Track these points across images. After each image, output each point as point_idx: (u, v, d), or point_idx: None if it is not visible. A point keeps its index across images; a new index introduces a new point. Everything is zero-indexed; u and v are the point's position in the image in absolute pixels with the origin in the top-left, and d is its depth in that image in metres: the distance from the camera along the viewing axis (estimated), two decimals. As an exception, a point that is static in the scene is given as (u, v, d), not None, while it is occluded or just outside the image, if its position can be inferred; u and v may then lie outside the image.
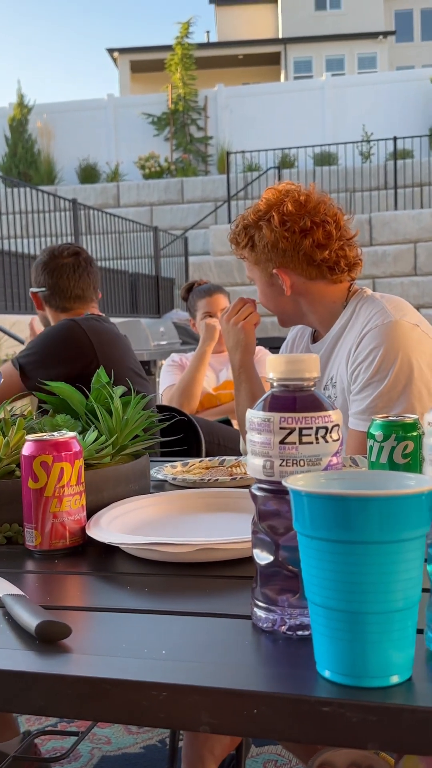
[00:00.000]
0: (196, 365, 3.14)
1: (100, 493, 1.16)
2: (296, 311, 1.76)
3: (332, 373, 1.72)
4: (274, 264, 1.70)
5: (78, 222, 9.86)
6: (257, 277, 1.76)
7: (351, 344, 1.65)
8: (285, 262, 1.69)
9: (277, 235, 1.66)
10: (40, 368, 2.17)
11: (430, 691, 0.62)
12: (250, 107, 17.74)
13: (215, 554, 0.95)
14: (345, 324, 1.71)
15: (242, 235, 1.72)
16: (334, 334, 1.72)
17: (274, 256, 1.69)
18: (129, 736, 2.20)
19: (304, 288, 1.72)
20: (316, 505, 0.61)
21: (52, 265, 2.40)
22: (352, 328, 1.68)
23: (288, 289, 1.71)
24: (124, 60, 26.29)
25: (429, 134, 15.93)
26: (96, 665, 0.68)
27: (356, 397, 1.61)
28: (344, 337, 1.70)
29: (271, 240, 1.67)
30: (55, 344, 2.23)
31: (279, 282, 1.72)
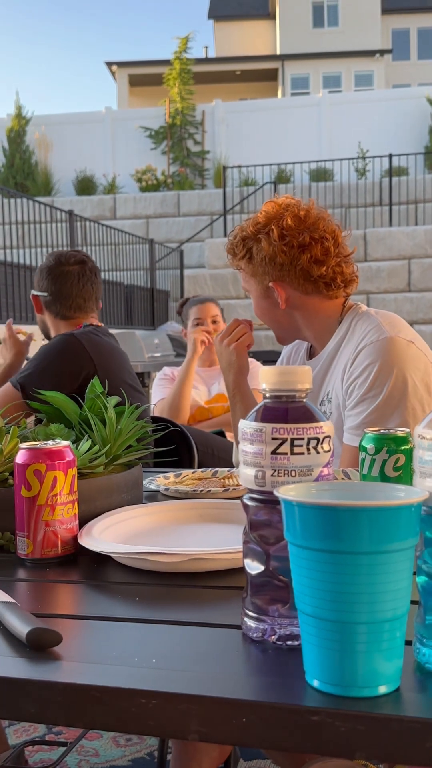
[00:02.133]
0: (181, 379, 3.15)
1: (93, 502, 1.16)
2: (291, 325, 1.77)
3: (328, 388, 1.72)
4: (270, 277, 1.71)
5: (74, 233, 9.89)
6: (253, 289, 1.77)
7: (346, 360, 1.66)
8: (281, 275, 1.70)
9: (276, 248, 1.66)
10: (40, 386, 2.18)
11: (418, 701, 0.62)
12: (247, 122, 17.85)
13: (206, 564, 0.95)
14: (341, 340, 1.72)
15: (240, 247, 1.73)
16: (330, 350, 1.73)
17: (271, 270, 1.69)
18: (117, 749, 2.18)
19: (300, 302, 1.73)
20: (307, 516, 0.62)
21: (57, 271, 2.40)
22: (347, 344, 1.69)
23: (283, 302, 1.72)
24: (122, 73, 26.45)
25: (424, 152, 16.04)
26: (86, 673, 0.68)
27: (351, 412, 1.62)
28: (340, 353, 1.71)
29: (269, 253, 1.67)
30: (54, 361, 2.22)
31: (274, 295, 1.72)
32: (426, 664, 0.67)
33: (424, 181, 14.35)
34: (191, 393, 3.20)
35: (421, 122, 17.18)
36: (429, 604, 0.67)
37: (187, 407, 3.17)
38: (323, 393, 1.74)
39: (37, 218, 9.38)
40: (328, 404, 1.71)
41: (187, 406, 3.16)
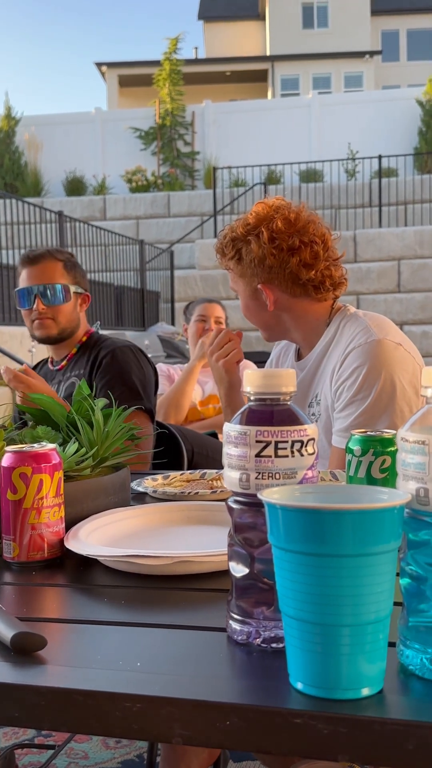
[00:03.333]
0: (185, 378, 3.17)
1: (80, 505, 1.16)
2: (279, 326, 1.77)
3: (317, 390, 1.73)
4: (259, 279, 1.71)
5: (64, 234, 9.87)
6: (241, 290, 1.77)
7: (335, 362, 1.66)
8: (270, 278, 1.70)
9: (265, 251, 1.66)
10: (153, 401, 2.26)
11: (400, 703, 0.63)
12: (237, 123, 17.86)
13: (192, 567, 0.95)
14: (329, 342, 1.72)
15: (229, 247, 1.73)
16: (319, 351, 1.74)
17: (259, 272, 1.69)
18: (106, 751, 2.18)
19: (288, 304, 1.73)
20: (290, 518, 0.62)
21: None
22: (336, 346, 1.69)
23: (271, 304, 1.72)
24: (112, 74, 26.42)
25: (413, 153, 16.10)
26: (70, 677, 0.68)
27: (339, 414, 1.62)
28: (328, 355, 1.71)
29: (258, 255, 1.67)
30: (141, 361, 2.31)
31: (263, 297, 1.73)
32: (409, 665, 0.67)
33: (414, 182, 14.40)
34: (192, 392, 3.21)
35: (410, 123, 17.24)
36: (412, 606, 0.67)
37: (186, 406, 3.18)
38: (312, 395, 1.75)
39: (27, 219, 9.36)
40: (317, 406, 1.71)
41: (187, 405, 3.17)
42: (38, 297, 2.24)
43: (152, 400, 2.25)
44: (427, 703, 0.62)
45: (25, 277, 2.29)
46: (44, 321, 2.28)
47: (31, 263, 2.28)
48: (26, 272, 2.29)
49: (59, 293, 2.25)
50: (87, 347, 2.34)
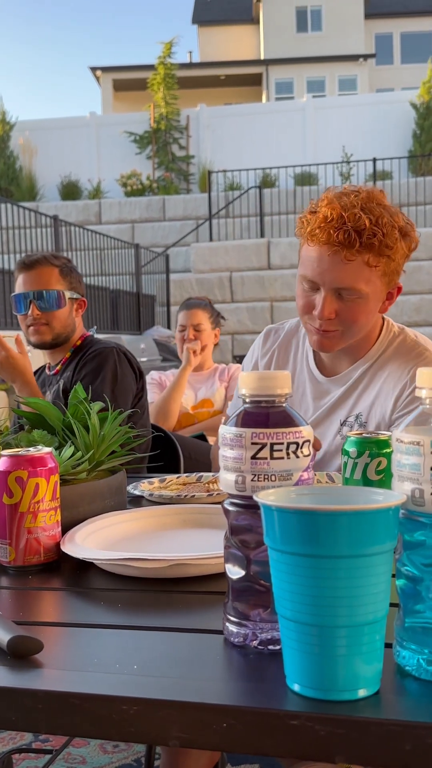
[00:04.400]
0: (173, 386, 3.18)
1: (76, 508, 1.16)
2: (365, 333, 1.61)
3: (358, 410, 1.62)
4: (396, 281, 1.57)
5: (59, 238, 9.87)
6: (372, 288, 1.52)
7: (395, 382, 1.57)
8: (398, 281, 1.59)
9: (405, 253, 1.54)
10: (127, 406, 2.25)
11: (397, 704, 0.63)
12: (232, 127, 17.89)
13: (189, 569, 0.95)
14: (381, 360, 1.63)
15: (384, 243, 1.47)
16: (366, 368, 1.63)
17: (398, 273, 1.56)
18: (104, 756, 2.18)
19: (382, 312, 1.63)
20: (286, 520, 0.62)
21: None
22: (387, 365, 1.61)
23: (385, 309, 1.61)
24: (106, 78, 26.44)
25: (408, 156, 16.14)
26: (67, 680, 0.68)
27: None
28: (379, 374, 1.61)
29: (403, 256, 1.53)
30: (126, 376, 2.29)
31: (384, 299, 1.59)
32: (406, 666, 0.67)
33: (408, 185, 14.43)
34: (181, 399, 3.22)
35: (404, 126, 17.28)
36: (408, 607, 0.67)
37: (175, 413, 3.18)
38: (348, 413, 1.64)
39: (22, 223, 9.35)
40: (359, 428, 1.60)
41: (176, 411, 3.18)
42: (33, 302, 2.25)
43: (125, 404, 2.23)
44: (423, 703, 0.62)
45: (20, 283, 2.29)
46: (39, 327, 2.28)
47: (27, 269, 2.29)
48: (22, 278, 2.29)
49: (54, 299, 2.26)
50: (79, 351, 2.35)
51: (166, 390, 3.21)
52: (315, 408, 1.69)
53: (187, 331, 3.32)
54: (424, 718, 0.59)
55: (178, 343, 3.39)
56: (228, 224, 14.00)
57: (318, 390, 1.69)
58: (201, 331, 3.31)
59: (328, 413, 1.66)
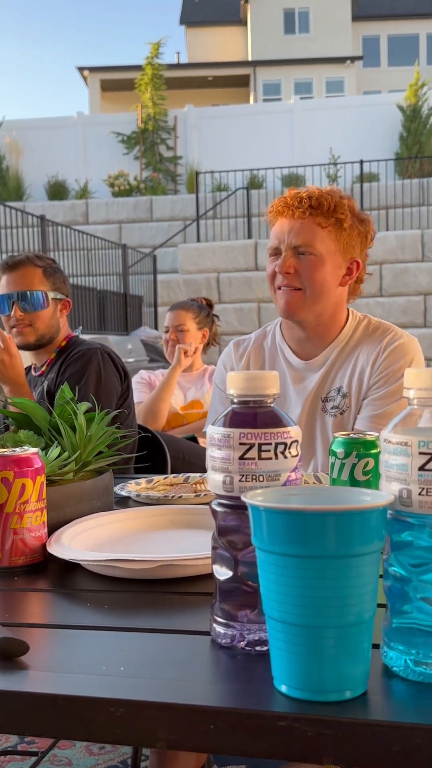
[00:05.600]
0: (162, 386, 3.17)
1: (62, 509, 1.15)
2: (328, 307, 1.76)
3: (339, 384, 1.77)
4: (356, 253, 1.76)
5: (46, 238, 9.83)
6: (327, 254, 1.71)
7: (369, 357, 1.74)
8: (361, 258, 1.78)
9: (364, 230, 1.76)
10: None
11: (384, 705, 0.63)
12: (220, 128, 17.90)
13: (176, 570, 0.95)
14: (353, 341, 1.78)
15: (332, 207, 1.70)
16: (340, 349, 1.78)
17: (357, 246, 1.76)
18: (90, 758, 2.17)
19: (348, 290, 1.80)
20: (274, 520, 0.62)
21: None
22: (363, 344, 1.76)
23: (346, 282, 1.77)
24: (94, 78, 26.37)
25: (394, 158, 16.20)
26: (53, 682, 0.67)
27: (378, 401, 1.70)
28: (355, 353, 1.77)
29: (360, 231, 1.75)
30: (102, 368, 2.27)
31: (343, 272, 1.76)
32: (393, 667, 0.67)
33: (395, 187, 14.49)
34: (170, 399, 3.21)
35: (391, 129, 17.35)
36: (396, 607, 0.67)
37: (165, 413, 3.17)
38: (329, 388, 1.78)
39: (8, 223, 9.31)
40: (341, 399, 1.76)
41: (165, 411, 3.17)
42: (16, 303, 2.24)
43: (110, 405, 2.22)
44: (411, 704, 0.62)
45: (4, 284, 2.28)
46: (22, 328, 2.28)
47: (10, 269, 2.28)
48: (5, 278, 2.28)
49: (37, 300, 2.25)
50: (64, 351, 2.34)
51: (155, 390, 3.20)
52: (297, 392, 1.81)
53: (170, 332, 3.33)
54: (411, 719, 0.59)
55: (164, 344, 3.39)
56: (215, 225, 13.99)
57: (297, 376, 1.82)
58: (183, 332, 3.31)
59: (310, 394, 1.79)
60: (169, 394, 3.19)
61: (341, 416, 1.75)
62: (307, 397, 1.78)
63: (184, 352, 3.24)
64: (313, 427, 1.79)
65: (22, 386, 2.16)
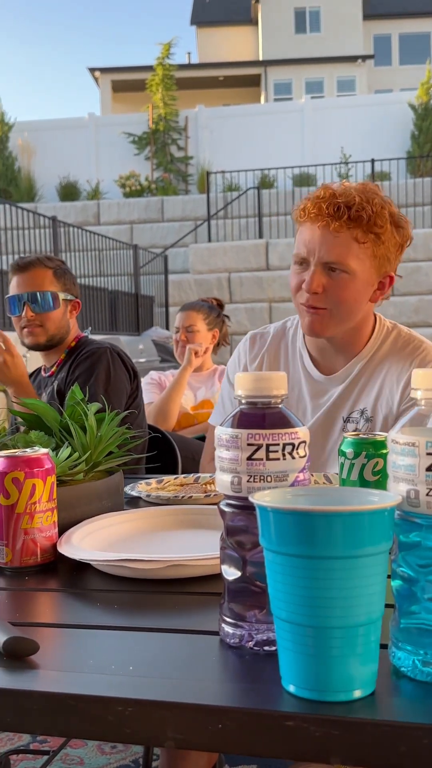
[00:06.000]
0: (173, 386, 3.18)
1: (73, 509, 1.16)
2: (355, 322, 1.62)
3: (362, 405, 1.63)
4: (391, 268, 1.61)
5: (58, 239, 9.87)
6: (360, 270, 1.55)
7: (400, 375, 1.60)
8: (394, 271, 1.63)
9: (400, 242, 1.59)
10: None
11: (392, 705, 0.63)
12: (231, 128, 17.91)
13: (185, 570, 0.95)
14: (379, 355, 1.65)
15: (372, 219, 1.52)
16: (365, 363, 1.65)
17: (392, 260, 1.59)
18: (102, 757, 2.17)
19: (377, 303, 1.65)
20: (282, 521, 0.62)
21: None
22: (387, 360, 1.64)
23: (377, 298, 1.62)
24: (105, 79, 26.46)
25: (406, 157, 16.15)
26: (62, 681, 0.68)
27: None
28: (379, 368, 1.64)
29: (397, 244, 1.58)
30: (117, 377, 2.28)
31: (374, 287, 1.60)
32: (401, 667, 0.67)
33: (407, 186, 14.45)
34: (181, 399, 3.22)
35: (403, 127, 17.30)
36: (403, 608, 0.67)
37: (175, 413, 3.18)
38: (350, 408, 1.65)
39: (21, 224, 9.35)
40: (365, 423, 1.62)
41: (175, 412, 3.18)
42: (27, 304, 2.26)
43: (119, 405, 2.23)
44: (418, 704, 0.62)
45: (14, 285, 2.30)
46: (33, 329, 2.29)
47: (21, 271, 2.29)
48: (16, 279, 2.30)
49: (48, 301, 2.27)
50: (73, 352, 2.35)
51: (165, 390, 3.21)
52: (314, 407, 1.68)
53: (180, 332, 3.33)
54: (419, 719, 0.59)
55: (174, 344, 3.40)
56: (226, 225, 14.00)
57: (316, 389, 1.69)
58: (193, 333, 3.32)
59: (329, 411, 1.66)
60: (180, 395, 3.20)
61: None
62: (325, 413, 1.66)
63: (195, 353, 3.25)
64: (325, 445, 1.65)
65: (25, 386, 2.18)
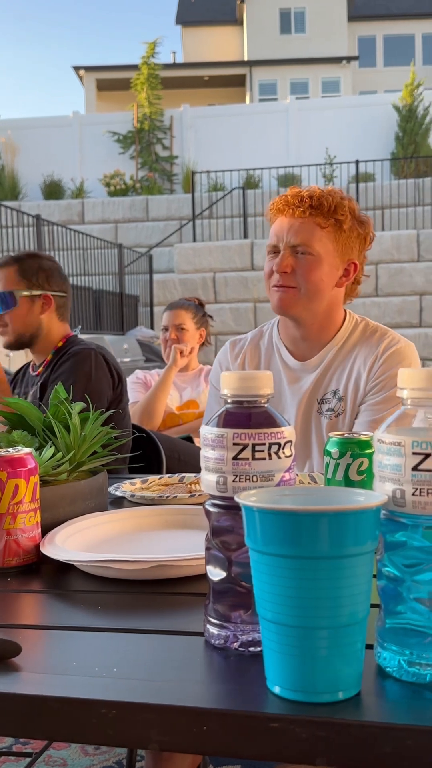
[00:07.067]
0: (158, 386, 3.16)
1: (56, 510, 1.15)
2: (323, 306, 1.76)
3: (335, 387, 1.77)
4: (354, 255, 1.76)
5: (41, 238, 9.82)
6: (325, 254, 1.71)
7: (366, 361, 1.74)
8: (359, 259, 1.78)
9: (363, 232, 1.77)
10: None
11: (378, 706, 0.63)
12: (216, 128, 17.89)
13: (170, 571, 0.95)
14: (351, 342, 1.78)
15: (332, 208, 1.70)
16: (336, 350, 1.78)
17: (356, 247, 1.76)
18: (86, 758, 2.16)
19: (345, 291, 1.80)
20: (267, 521, 0.62)
21: (64, 275, 2.42)
22: (361, 347, 1.76)
23: (343, 283, 1.77)
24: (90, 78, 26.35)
25: (390, 158, 16.21)
26: (45, 683, 0.67)
27: (376, 407, 1.70)
28: (352, 355, 1.77)
29: (359, 233, 1.75)
30: (96, 378, 2.24)
31: (340, 273, 1.75)
32: (386, 668, 0.67)
33: (391, 187, 14.50)
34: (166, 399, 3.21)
35: (387, 129, 17.36)
36: (389, 608, 0.67)
37: (160, 413, 3.17)
38: (324, 390, 1.78)
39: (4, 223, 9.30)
40: (337, 402, 1.76)
41: (161, 411, 3.16)
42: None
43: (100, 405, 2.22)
44: (404, 705, 0.62)
45: None
46: (1, 329, 2.31)
47: None
48: None
49: (6, 300, 2.28)
50: (60, 351, 2.34)
51: (151, 390, 3.19)
52: (292, 392, 1.81)
53: (170, 331, 3.31)
54: (404, 720, 0.58)
55: (161, 343, 3.38)
56: (211, 225, 13.99)
57: (293, 376, 1.83)
58: (183, 331, 3.30)
59: (305, 396, 1.79)
60: (165, 394, 3.19)
61: (336, 419, 1.75)
62: (302, 398, 1.79)
63: (180, 352, 3.24)
64: (308, 429, 1.79)
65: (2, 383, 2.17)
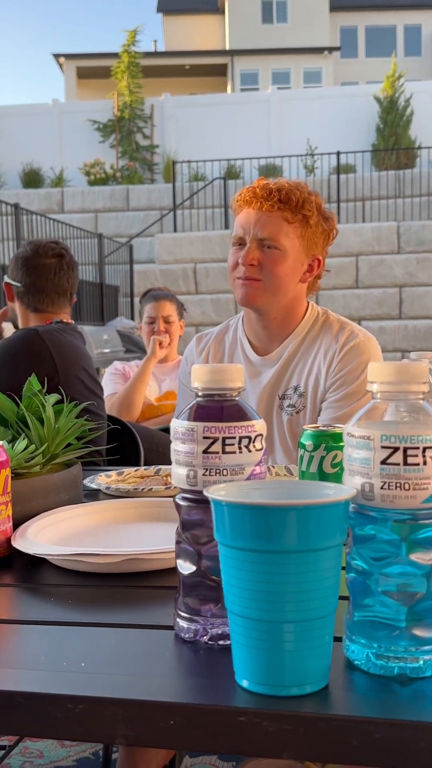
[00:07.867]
0: (137, 377, 3.15)
1: (29, 503, 1.14)
2: (286, 301, 1.76)
3: (296, 382, 1.76)
4: (318, 250, 1.77)
5: (20, 227, 9.73)
6: (290, 249, 1.72)
7: (325, 355, 1.73)
8: (323, 255, 1.80)
9: (327, 228, 1.77)
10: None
11: (345, 699, 0.63)
12: (197, 117, 17.81)
13: (142, 564, 0.94)
14: (311, 336, 1.78)
15: (301, 204, 1.70)
16: (296, 344, 1.78)
17: (320, 243, 1.77)
18: (62, 749, 2.16)
19: (310, 285, 1.81)
20: (236, 515, 0.62)
21: (33, 263, 2.32)
22: (321, 340, 1.76)
23: (308, 278, 1.78)
24: (70, 66, 26.12)
25: (371, 150, 16.23)
26: (12, 678, 0.66)
27: (338, 404, 1.70)
28: (312, 349, 1.76)
29: (324, 229, 1.76)
30: (16, 357, 2.15)
31: (305, 268, 1.76)
32: (355, 660, 0.67)
33: (371, 179, 14.52)
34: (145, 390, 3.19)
35: (368, 120, 17.37)
36: (358, 601, 0.67)
37: (139, 404, 3.16)
38: (285, 385, 1.77)
39: (-17, 212, 9.20)
40: (298, 398, 1.75)
41: (139, 403, 3.15)
42: None
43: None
44: (371, 698, 0.62)
45: None
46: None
47: None
48: None
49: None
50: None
51: (129, 381, 3.18)
52: (252, 387, 1.80)
53: (157, 323, 3.29)
54: (371, 713, 0.59)
55: (145, 335, 3.34)
56: (192, 215, 13.95)
57: (253, 370, 1.82)
58: (171, 323, 3.29)
59: (265, 390, 1.79)
60: (144, 385, 3.17)
61: (297, 415, 1.75)
62: (262, 393, 1.78)
63: (159, 343, 3.22)
64: (269, 424, 1.77)
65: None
